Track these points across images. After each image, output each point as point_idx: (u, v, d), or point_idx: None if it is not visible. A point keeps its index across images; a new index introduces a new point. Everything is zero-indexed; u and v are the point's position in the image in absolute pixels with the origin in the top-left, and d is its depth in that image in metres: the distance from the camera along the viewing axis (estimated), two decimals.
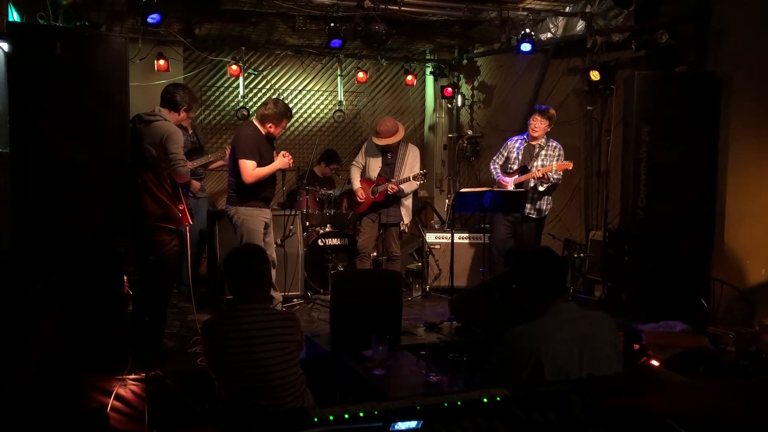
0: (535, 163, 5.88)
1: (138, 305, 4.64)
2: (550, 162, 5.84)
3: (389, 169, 6.17)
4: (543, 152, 5.91)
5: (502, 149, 6.22)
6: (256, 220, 5.18)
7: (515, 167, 6.01)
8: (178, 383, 3.88)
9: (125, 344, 4.20)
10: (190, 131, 6.10)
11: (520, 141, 6.06)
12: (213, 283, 6.00)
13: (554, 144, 5.95)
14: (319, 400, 3.23)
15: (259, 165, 5.10)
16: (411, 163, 6.14)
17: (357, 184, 6.24)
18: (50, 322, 3.78)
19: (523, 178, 5.87)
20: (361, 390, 3.29)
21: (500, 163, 6.17)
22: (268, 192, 5.28)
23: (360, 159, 6.34)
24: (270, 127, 5.20)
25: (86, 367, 3.85)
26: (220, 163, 6.23)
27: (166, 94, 4.59)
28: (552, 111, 5.96)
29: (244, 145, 5.14)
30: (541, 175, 5.72)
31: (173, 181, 4.45)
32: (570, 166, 5.77)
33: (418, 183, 6.04)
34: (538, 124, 5.87)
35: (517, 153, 6.02)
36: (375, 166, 6.20)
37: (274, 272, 5.52)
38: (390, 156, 6.17)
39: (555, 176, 5.79)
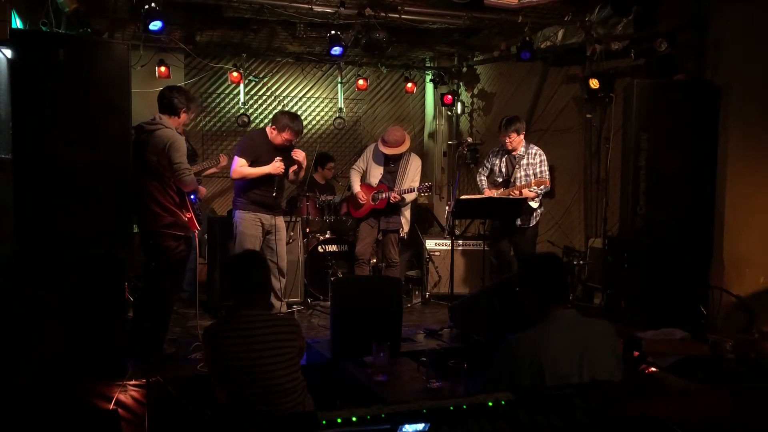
0: (518, 174, 5.84)
1: (139, 311, 4.64)
2: (533, 170, 5.82)
3: (391, 177, 6.19)
4: (524, 161, 5.86)
5: (485, 161, 6.17)
6: (248, 224, 5.36)
7: (500, 180, 5.98)
8: (178, 389, 3.88)
9: (126, 350, 4.20)
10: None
11: (501, 152, 5.99)
12: (212, 289, 6.00)
13: (534, 151, 5.88)
14: (319, 406, 3.23)
15: (254, 166, 5.31)
16: (413, 173, 6.18)
17: (357, 188, 6.26)
18: (51, 327, 3.78)
19: (504, 194, 5.82)
20: (362, 396, 3.29)
21: (486, 175, 6.14)
22: (258, 196, 5.36)
23: (361, 164, 6.36)
24: (274, 133, 5.37)
25: (87, 373, 3.85)
26: (213, 170, 6.24)
27: (163, 99, 4.57)
28: (520, 122, 5.85)
29: (240, 143, 5.55)
30: (518, 193, 5.69)
31: (179, 189, 4.47)
32: (547, 183, 5.76)
33: (420, 194, 6.10)
34: (507, 139, 5.79)
35: (500, 164, 5.99)
36: (377, 172, 6.21)
37: (283, 281, 5.56)
38: (393, 164, 6.19)
39: (539, 189, 5.76)
